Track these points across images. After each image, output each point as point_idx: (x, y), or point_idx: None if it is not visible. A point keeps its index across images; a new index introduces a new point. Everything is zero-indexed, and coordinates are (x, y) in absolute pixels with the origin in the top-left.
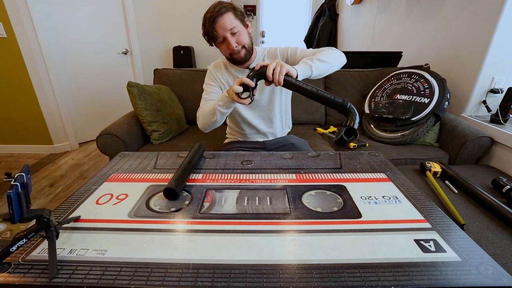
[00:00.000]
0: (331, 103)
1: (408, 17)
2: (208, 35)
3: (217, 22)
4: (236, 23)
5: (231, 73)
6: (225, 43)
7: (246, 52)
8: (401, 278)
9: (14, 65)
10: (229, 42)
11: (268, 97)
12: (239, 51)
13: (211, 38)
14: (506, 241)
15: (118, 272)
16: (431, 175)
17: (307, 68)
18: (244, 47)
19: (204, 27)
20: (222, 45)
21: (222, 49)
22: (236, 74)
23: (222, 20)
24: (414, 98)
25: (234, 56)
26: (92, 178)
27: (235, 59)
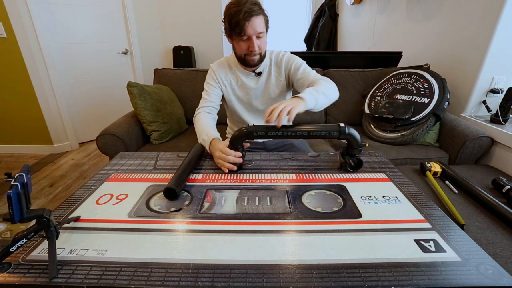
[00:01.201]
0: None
1: (408, 17)
2: (234, 27)
3: (250, 21)
4: (263, 29)
5: (236, 74)
6: (246, 42)
7: (260, 58)
8: (401, 278)
9: (14, 65)
10: (253, 44)
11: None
12: (255, 54)
13: (235, 31)
14: (506, 241)
15: (118, 272)
16: (431, 175)
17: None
18: (260, 54)
19: (233, 19)
20: (242, 43)
21: (239, 46)
22: (241, 76)
23: (256, 21)
24: (414, 98)
25: (248, 58)
26: (92, 178)
27: (247, 61)
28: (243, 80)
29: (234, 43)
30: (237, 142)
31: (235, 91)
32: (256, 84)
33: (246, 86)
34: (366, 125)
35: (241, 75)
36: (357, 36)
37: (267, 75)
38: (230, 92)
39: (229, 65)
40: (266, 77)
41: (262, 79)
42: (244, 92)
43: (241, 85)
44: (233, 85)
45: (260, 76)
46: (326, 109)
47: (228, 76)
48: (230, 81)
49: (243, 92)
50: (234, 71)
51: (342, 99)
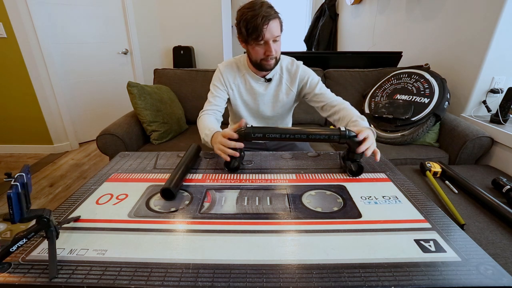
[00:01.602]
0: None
1: (408, 17)
2: (251, 32)
3: (268, 25)
4: (279, 32)
5: (245, 78)
6: (263, 47)
7: (275, 62)
8: (401, 278)
9: (14, 65)
10: (270, 48)
11: (278, 113)
12: (272, 58)
13: (252, 37)
14: (506, 241)
15: (118, 272)
16: (431, 175)
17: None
18: (276, 58)
19: (250, 24)
20: (258, 48)
21: (256, 51)
22: (250, 81)
23: (273, 25)
24: (414, 98)
25: (264, 62)
26: (92, 178)
27: (264, 66)
28: (252, 84)
29: (250, 48)
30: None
31: (242, 95)
32: (265, 90)
33: (254, 91)
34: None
35: (250, 79)
36: (357, 36)
37: (278, 82)
38: (237, 95)
39: (238, 67)
40: (277, 84)
41: (271, 86)
42: (251, 97)
43: (250, 89)
44: (240, 89)
45: (270, 82)
46: None
47: (237, 79)
48: (238, 84)
49: (251, 97)
50: (244, 74)
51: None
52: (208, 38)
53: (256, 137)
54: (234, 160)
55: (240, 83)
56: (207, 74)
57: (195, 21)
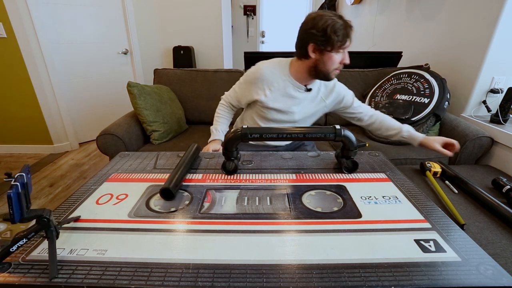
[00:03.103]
0: (324, 139)
1: (408, 17)
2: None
3: (352, 33)
4: None
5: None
6: (341, 55)
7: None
8: (401, 278)
9: (14, 65)
10: (347, 57)
11: (306, 122)
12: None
13: (340, 43)
14: (506, 241)
15: (118, 272)
16: (431, 175)
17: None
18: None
19: (341, 31)
20: (337, 56)
21: (333, 59)
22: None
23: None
24: (414, 98)
25: (335, 72)
26: (92, 178)
27: (331, 75)
28: (291, 92)
29: (327, 56)
30: (231, 144)
31: (278, 100)
32: (302, 99)
33: (292, 98)
34: None
35: (291, 86)
36: (357, 36)
37: (315, 93)
38: (271, 100)
39: (281, 73)
40: (314, 95)
41: (309, 96)
42: (286, 104)
43: (288, 96)
44: (277, 94)
45: (309, 92)
46: None
47: (277, 83)
48: (277, 90)
49: (286, 104)
50: (284, 81)
51: None
52: (208, 38)
53: (252, 138)
54: (231, 162)
55: (279, 88)
56: (207, 74)
57: (195, 21)
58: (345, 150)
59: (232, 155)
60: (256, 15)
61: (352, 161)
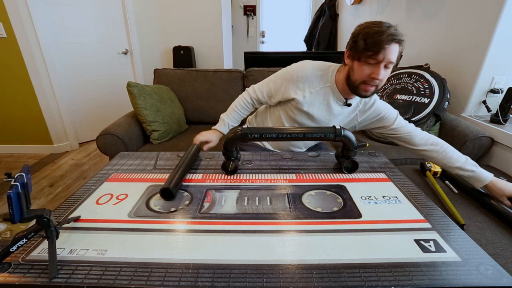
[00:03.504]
0: (324, 139)
1: (408, 17)
2: (370, 47)
3: (391, 46)
4: (395, 60)
5: (326, 91)
6: (372, 67)
7: (374, 91)
8: (401, 278)
9: (14, 65)
10: (379, 71)
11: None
12: (374, 85)
13: (368, 51)
14: (506, 241)
15: (118, 272)
16: (431, 175)
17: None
18: (377, 87)
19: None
20: (366, 67)
21: (362, 70)
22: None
23: (394, 48)
24: (414, 98)
25: (363, 86)
26: (92, 178)
27: (360, 89)
28: (330, 102)
29: (357, 65)
30: (231, 144)
31: (314, 106)
32: (339, 113)
33: (330, 109)
34: None
35: (331, 96)
36: None
37: (353, 109)
38: (308, 104)
39: (325, 78)
40: (351, 111)
41: (346, 111)
42: (321, 114)
43: (326, 105)
44: (315, 100)
45: (348, 107)
46: None
47: (317, 89)
48: (316, 94)
49: (321, 113)
50: (326, 87)
51: None
52: (208, 38)
53: (253, 138)
54: (231, 163)
55: (319, 94)
56: (207, 74)
57: (195, 21)
58: (345, 150)
59: (232, 155)
60: (256, 15)
61: (352, 161)
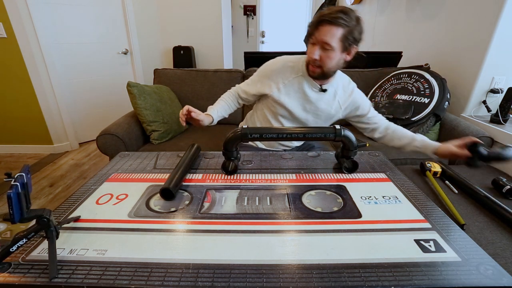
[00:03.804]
0: (324, 139)
1: (408, 17)
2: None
3: (322, 26)
4: (335, 44)
5: (300, 80)
6: (310, 48)
7: (320, 72)
8: (401, 278)
9: (14, 65)
10: (313, 51)
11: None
12: (315, 66)
13: (309, 34)
14: (506, 241)
15: (118, 272)
16: (431, 175)
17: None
18: (321, 68)
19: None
20: (309, 47)
21: (307, 50)
22: (305, 85)
23: (327, 29)
24: (414, 98)
25: (310, 66)
26: (92, 178)
27: (308, 69)
28: (305, 89)
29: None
30: (231, 144)
31: (290, 97)
32: (316, 100)
33: (306, 97)
34: None
35: (305, 83)
36: None
37: (332, 96)
38: (284, 96)
39: (297, 68)
40: (331, 98)
41: (325, 98)
42: (299, 102)
43: (301, 93)
44: (290, 91)
45: (324, 93)
46: None
47: (290, 80)
48: (290, 86)
49: (299, 102)
50: (299, 76)
51: None
52: (208, 38)
53: (253, 138)
54: (231, 163)
55: (292, 84)
56: (207, 74)
57: (195, 21)
58: (345, 150)
59: (232, 155)
60: (256, 15)
61: (352, 161)
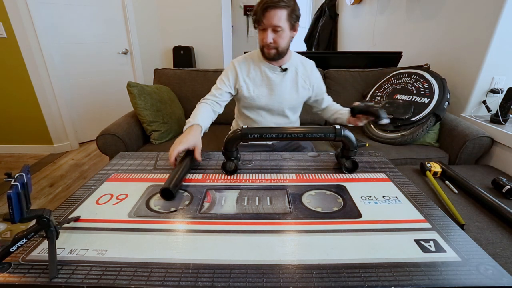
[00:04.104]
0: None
1: (408, 17)
2: (253, 16)
3: (268, 12)
4: (283, 24)
5: (261, 69)
6: (262, 33)
7: (276, 53)
8: (401, 278)
9: (14, 65)
10: (266, 36)
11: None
12: (270, 48)
13: (255, 21)
14: (506, 241)
15: (118, 272)
16: (431, 175)
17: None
18: (277, 49)
19: (256, 8)
20: (260, 33)
21: (259, 37)
22: (266, 71)
23: (273, 13)
24: (414, 98)
25: (265, 50)
26: (92, 178)
27: (264, 53)
28: (268, 74)
29: (258, 34)
30: (231, 144)
31: (258, 87)
32: (282, 80)
33: (271, 81)
34: (366, 125)
35: (266, 69)
36: (357, 36)
37: (294, 73)
38: (253, 88)
39: (252, 61)
40: (293, 75)
41: (288, 76)
42: (268, 88)
43: (266, 79)
44: (256, 81)
45: (286, 72)
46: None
47: (251, 72)
48: (254, 77)
49: (267, 88)
50: (259, 66)
51: (342, 99)
52: (208, 38)
53: (253, 138)
54: (231, 163)
55: (255, 75)
56: (207, 74)
57: (195, 21)
58: (345, 150)
59: (232, 155)
60: None
61: (352, 161)
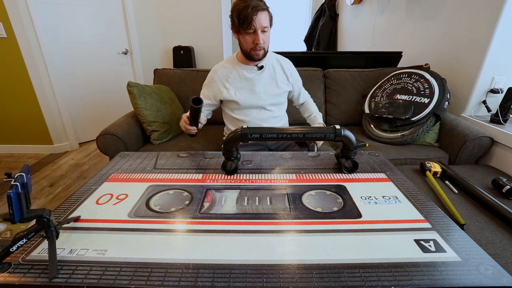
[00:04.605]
0: (324, 139)
1: (408, 17)
2: (242, 21)
3: (258, 15)
4: (268, 24)
5: (238, 71)
6: (252, 36)
7: (264, 53)
8: (401, 278)
9: (14, 65)
10: (258, 37)
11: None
12: (260, 49)
13: (243, 25)
14: (506, 241)
15: (118, 272)
16: (431, 175)
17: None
18: (264, 49)
19: (242, 14)
20: (248, 37)
21: (246, 40)
22: (243, 72)
23: (262, 16)
24: (414, 98)
25: (253, 52)
26: (92, 178)
27: (252, 56)
28: (246, 75)
29: (241, 37)
30: (231, 144)
31: (239, 89)
32: (259, 78)
33: (249, 80)
34: (366, 125)
35: (243, 71)
36: (357, 36)
37: (271, 69)
38: (233, 91)
39: (230, 65)
40: (271, 72)
41: (265, 72)
42: (248, 87)
43: (245, 80)
44: (236, 84)
45: (263, 70)
46: (326, 109)
47: (230, 76)
48: (233, 81)
49: (248, 88)
50: (236, 69)
51: (342, 99)
52: (208, 38)
53: (253, 138)
54: (231, 163)
55: (235, 78)
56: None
57: (195, 21)
58: (345, 150)
59: (232, 155)
60: None
61: (352, 161)
